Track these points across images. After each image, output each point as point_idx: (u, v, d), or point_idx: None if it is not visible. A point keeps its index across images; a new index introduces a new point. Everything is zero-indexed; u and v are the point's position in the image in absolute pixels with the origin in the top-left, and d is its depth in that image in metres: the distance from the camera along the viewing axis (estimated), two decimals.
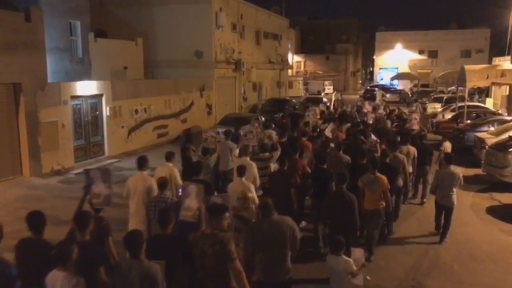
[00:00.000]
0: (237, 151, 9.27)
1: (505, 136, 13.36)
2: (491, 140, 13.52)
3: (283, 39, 35.70)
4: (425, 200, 10.57)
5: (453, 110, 21.53)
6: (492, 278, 7.13)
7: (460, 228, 9.14)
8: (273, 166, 8.53)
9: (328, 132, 11.68)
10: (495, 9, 39.75)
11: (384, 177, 7.40)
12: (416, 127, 14.13)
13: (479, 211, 10.24)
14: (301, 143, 9.77)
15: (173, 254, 4.42)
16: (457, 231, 8.99)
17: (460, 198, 9.74)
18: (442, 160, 10.16)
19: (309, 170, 8.26)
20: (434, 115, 22.46)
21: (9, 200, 10.21)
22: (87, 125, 14.12)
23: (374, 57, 61.88)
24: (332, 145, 9.69)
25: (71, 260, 3.81)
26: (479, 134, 14.88)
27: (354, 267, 5.37)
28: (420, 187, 10.82)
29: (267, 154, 8.94)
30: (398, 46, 57.41)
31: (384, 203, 7.37)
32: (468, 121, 18.07)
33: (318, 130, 12.71)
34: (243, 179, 6.87)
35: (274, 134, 11.60)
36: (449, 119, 20.10)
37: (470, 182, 11.72)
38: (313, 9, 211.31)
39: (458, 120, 18.59)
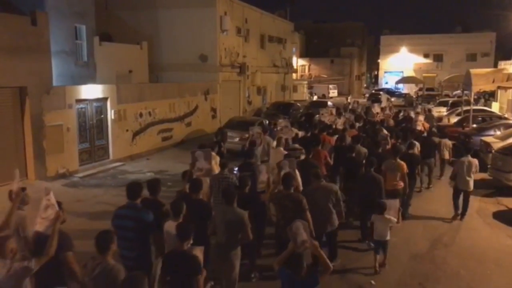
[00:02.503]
0: (274, 143, 10.87)
1: (511, 140, 13.25)
2: (497, 144, 13.41)
3: (288, 43, 35.73)
4: (431, 186, 12.24)
5: (458, 114, 21.43)
6: (499, 283, 7.06)
7: (466, 233, 9.08)
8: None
9: (340, 125, 14.33)
10: (500, 12, 39.63)
11: (403, 163, 8.86)
12: (419, 127, 15.37)
13: (486, 216, 10.15)
14: (323, 137, 11.24)
15: (253, 207, 6.36)
16: (463, 236, 8.94)
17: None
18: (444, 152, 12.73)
19: (330, 160, 9.73)
20: (440, 119, 22.37)
21: None
22: (91, 129, 14.14)
23: (379, 60, 61.80)
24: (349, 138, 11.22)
25: (182, 213, 5.29)
26: (485, 138, 14.77)
27: (393, 219, 7.27)
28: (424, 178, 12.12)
29: (295, 145, 10.88)
30: (403, 50, 57.32)
31: (402, 184, 8.81)
32: (474, 125, 17.97)
33: (334, 127, 14.07)
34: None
35: (297, 130, 13.50)
36: (454, 123, 19.97)
37: (476, 187, 11.52)
38: (318, 12, 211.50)
39: (464, 124, 18.48)
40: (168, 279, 4.60)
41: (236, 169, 8.74)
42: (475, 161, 9.74)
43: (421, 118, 16.77)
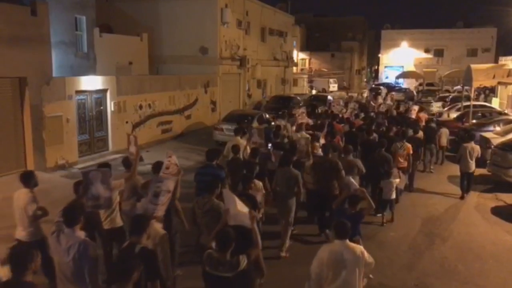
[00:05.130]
0: (293, 128, 12.49)
1: (511, 136, 13.26)
2: (496, 140, 13.43)
3: (289, 36, 35.53)
4: (432, 168, 13.65)
5: (458, 110, 21.41)
6: (497, 278, 7.10)
7: (464, 228, 9.11)
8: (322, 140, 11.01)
9: (347, 115, 16.72)
10: (502, 8, 39.49)
11: (409, 145, 10.59)
12: (413, 116, 16.73)
13: (484, 212, 10.19)
14: (334, 125, 12.89)
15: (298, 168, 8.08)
16: (461, 231, 8.97)
17: (465, 198, 10.87)
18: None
19: (341, 143, 11.04)
20: (440, 114, 22.35)
21: (13, 193, 10.20)
22: (91, 120, 14.11)
23: (380, 55, 61.58)
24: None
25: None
26: (484, 134, 14.78)
27: (397, 180, 9.42)
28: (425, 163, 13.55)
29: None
30: (404, 45, 57.03)
31: (406, 163, 10.49)
32: (474, 121, 17.96)
33: (341, 116, 16.05)
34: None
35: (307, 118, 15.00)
36: (454, 118, 19.95)
37: (475, 182, 11.67)
38: (319, 6, 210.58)
39: (463, 120, 18.47)
40: None
41: (270, 145, 10.94)
42: (477, 147, 11.16)
43: (416, 108, 18.23)
